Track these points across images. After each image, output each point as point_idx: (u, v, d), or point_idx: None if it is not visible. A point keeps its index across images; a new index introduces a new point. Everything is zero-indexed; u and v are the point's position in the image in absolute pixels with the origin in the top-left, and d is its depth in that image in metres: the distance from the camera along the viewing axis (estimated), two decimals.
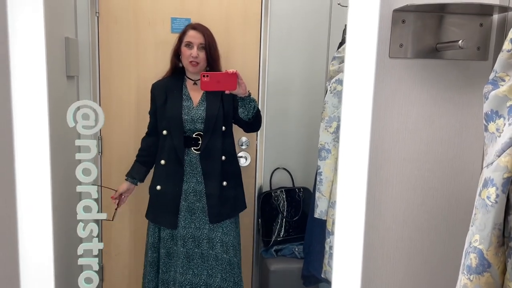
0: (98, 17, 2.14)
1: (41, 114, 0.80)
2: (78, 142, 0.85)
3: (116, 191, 1.82)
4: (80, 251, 0.89)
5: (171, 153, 1.77)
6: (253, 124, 1.78)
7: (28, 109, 0.79)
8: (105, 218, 0.89)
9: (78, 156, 0.85)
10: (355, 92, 0.91)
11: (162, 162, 1.78)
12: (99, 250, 0.90)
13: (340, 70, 1.49)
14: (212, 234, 1.81)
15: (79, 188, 0.87)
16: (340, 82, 1.49)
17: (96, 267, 0.89)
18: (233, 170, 1.87)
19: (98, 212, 0.88)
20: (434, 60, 0.97)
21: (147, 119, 1.92)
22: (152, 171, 1.88)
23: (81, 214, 0.88)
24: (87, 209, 0.88)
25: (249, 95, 1.69)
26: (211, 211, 1.78)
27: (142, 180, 1.87)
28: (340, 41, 1.91)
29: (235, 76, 1.57)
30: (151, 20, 2.18)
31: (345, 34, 1.88)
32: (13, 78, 0.80)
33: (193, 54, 1.73)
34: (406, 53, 0.96)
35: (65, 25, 2.00)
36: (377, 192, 1.00)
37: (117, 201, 1.82)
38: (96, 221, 0.90)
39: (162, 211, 1.81)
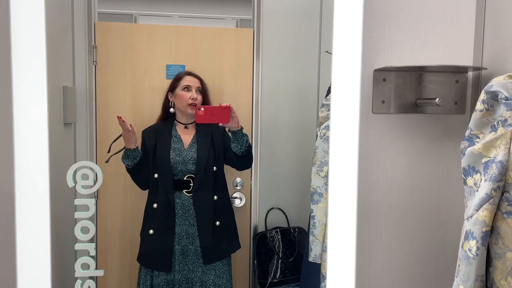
0: (95, 65, 2.22)
1: (42, 171, 0.83)
2: (77, 202, 0.88)
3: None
4: None
5: (162, 196, 1.80)
6: (244, 158, 1.83)
7: (29, 163, 0.83)
8: (101, 274, 0.91)
9: (77, 215, 0.88)
10: (341, 147, 0.96)
11: (154, 205, 1.81)
12: None
13: (329, 117, 1.55)
14: (205, 276, 1.82)
15: (77, 246, 0.90)
16: (329, 128, 1.55)
17: None
18: (225, 210, 1.91)
19: (95, 269, 0.90)
20: (414, 114, 1.03)
21: None
22: (142, 214, 1.89)
23: (79, 272, 0.90)
24: (84, 266, 0.91)
25: (242, 129, 1.75)
26: (205, 252, 1.80)
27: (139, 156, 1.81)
28: (329, 86, 1.99)
29: (228, 109, 1.65)
30: (147, 67, 2.26)
31: None
32: (16, 134, 0.84)
33: (193, 96, 1.81)
34: (388, 109, 1.02)
35: (63, 74, 2.07)
36: (367, 240, 1.03)
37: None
38: (93, 278, 0.92)
39: (155, 255, 1.82)
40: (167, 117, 1.93)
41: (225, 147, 1.82)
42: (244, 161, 1.86)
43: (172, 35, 2.27)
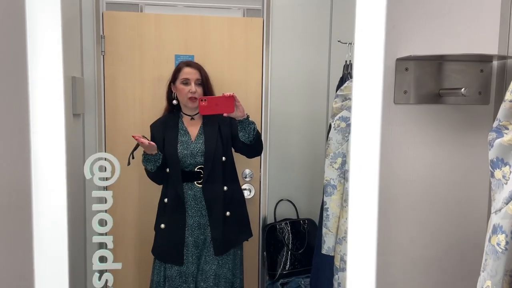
0: (104, 56, 2.19)
1: (59, 165, 0.82)
2: (95, 194, 0.87)
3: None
4: None
5: (172, 190, 1.79)
6: (254, 146, 1.80)
7: (46, 157, 0.81)
8: (120, 267, 0.90)
9: (94, 207, 0.87)
10: (363, 138, 0.94)
11: (166, 200, 1.80)
12: None
13: (343, 108, 1.53)
14: (217, 267, 1.80)
15: (95, 239, 0.88)
16: (343, 119, 1.52)
17: None
18: (236, 199, 1.88)
19: (113, 262, 0.89)
20: (437, 105, 1.01)
21: None
22: (156, 205, 1.88)
23: (96, 265, 0.89)
24: (102, 259, 0.89)
25: (248, 117, 1.72)
26: (216, 243, 1.78)
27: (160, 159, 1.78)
28: (341, 76, 1.96)
29: (232, 98, 1.61)
30: (156, 58, 2.24)
31: (345, 70, 1.93)
32: (32, 124, 0.82)
33: (191, 90, 1.77)
34: (410, 99, 0.99)
35: (72, 65, 2.05)
36: (387, 234, 1.01)
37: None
38: (111, 271, 0.91)
39: (168, 249, 1.81)
40: (173, 109, 1.90)
41: (233, 136, 1.79)
42: (253, 148, 1.83)
43: (181, 24, 2.24)
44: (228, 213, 1.81)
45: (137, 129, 2.24)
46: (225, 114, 1.64)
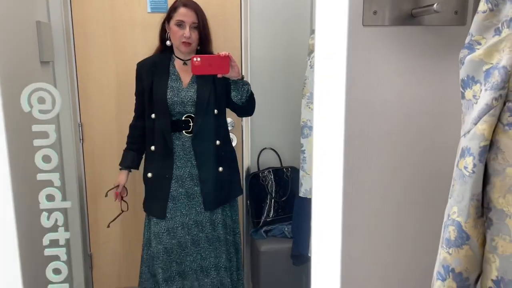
0: None
1: None
2: (35, 128, 0.80)
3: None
4: (46, 241, 0.85)
5: (160, 137, 1.69)
6: (246, 108, 1.72)
7: None
8: (69, 206, 0.85)
9: (35, 142, 0.80)
10: (327, 65, 0.86)
11: (152, 148, 1.72)
12: (66, 240, 0.86)
13: None
14: (213, 216, 1.76)
15: (39, 176, 0.83)
16: None
17: (64, 257, 0.85)
18: (228, 155, 1.81)
19: (62, 200, 0.84)
20: (410, 27, 0.92)
21: (127, 102, 1.85)
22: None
23: (43, 203, 0.84)
24: (50, 197, 0.84)
25: (242, 78, 1.62)
26: (206, 198, 1.73)
27: (137, 167, 1.82)
28: None
29: (227, 59, 1.50)
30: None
31: None
32: None
33: (185, 35, 1.63)
34: (381, 21, 0.91)
35: (36, 8, 1.92)
36: (354, 169, 0.96)
37: (119, 196, 1.81)
38: (61, 210, 0.86)
39: (153, 199, 1.76)
40: (165, 50, 1.75)
41: (228, 90, 1.68)
42: (245, 110, 1.75)
43: None
44: (220, 169, 1.74)
45: (111, 76, 2.15)
46: (219, 75, 1.53)
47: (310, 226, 1.65)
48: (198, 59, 1.47)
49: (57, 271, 0.86)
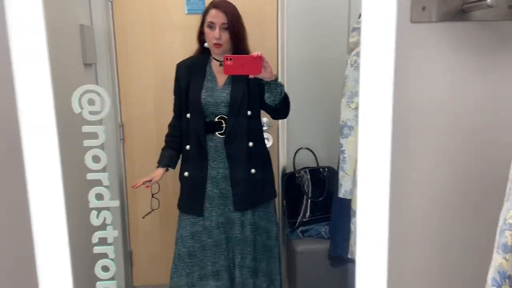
0: (112, 1, 2.12)
1: (47, 105, 0.77)
2: (85, 129, 0.82)
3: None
4: (95, 239, 0.87)
5: (194, 138, 1.71)
6: (280, 110, 1.68)
7: (33, 100, 0.77)
8: (117, 205, 0.87)
9: (86, 143, 0.82)
10: (374, 63, 0.84)
11: (187, 147, 1.73)
12: (114, 238, 0.88)
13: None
14: (243, 217, 1.75)
15: (89, 176, 0.85)
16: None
17: (112, 255, 0.87)
18: (261, 157, 1.79)
19: (110, 199, 0.85)
20: (461, 22, 0.89)
21: (166, 102, 1.88)
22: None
23: (93, 202, 0.86)
24: (99, 196, 0.86)
25: (276, 79, 1.59)
26: (236, 199, 1.72)
27: (174, 166, 1.84)
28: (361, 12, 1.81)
29: (259, 59, 1.48)
30: (166, 2, 2.14)
31: None
32: (15, 67, 0.77)
33: (215, 36, 1.63)
34: (430, 17, 0.88)
35: (79, 12, 1.98)
36: (402, 168, 0.93)
37: (149, 187, 1.81)
38: (109, 209, 0.88)
39: (190, 198, 1.77)
40: (203, 51, 1.75)
41: (262, 93, 1.65)
42: (278, 112, 1.70)
43: None
44: (253, 171, 1.72)
45: (151, 77, 2.19)
46: (251, 76, 1.52)
47: (349, 227, 1.62)
48: (230, 59, 1.47)
49: (105, 269, 0.88)
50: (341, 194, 1.54)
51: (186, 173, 1.75)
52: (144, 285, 2.35)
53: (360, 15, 1.74)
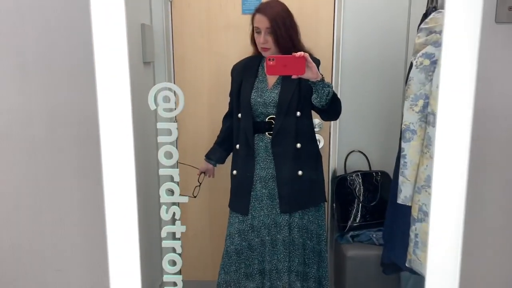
0: (171, 2, 2.16)
1: (124, 104, 0.79)
2: (159, 125, 0.84)
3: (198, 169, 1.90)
4: (163, 234, 0.89)
5: (243, 137, 1.73)
6: (328, 111, 1.63)
7: (111, 98, 0.79)
8: (186, 201, 0.89)
9: (159, 139, 0.84)
10: (454, 66, 0.79)
11: (237, 146, 1.75)
12: (181, 233, 0.89)
13: (428, 43, 1.36)
14: (290, 219, 1.74)
15: (161, 171, 0.87)
16: (427, 56, 1.36)
17: (179, 250, 0.89)
18: (311, 159, 1.76)
19: (179, 195, 0.87)
20: None
21: (221, 101, 1.91)
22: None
23: (163, 197, 0.88)
24: (169, 192, 0.88)
25: (322, 79, 1.54)
26: (282, 200, 1.71)
27: (220, 162, 1.87)
28: (425, 12, 1.75)
29: (303, 59, 1.44)
30: (223, 2, 2.16)
31: (430, 4, 1.71)
32: (97, 69, 0.79)
33: (261, 40, 1.64)
34: None
35: (140, 12, 2.04)
36: (479, 179, 0.88)
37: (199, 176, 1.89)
38: (178, 204, 0.89)
39: (237, 197, 1.79)
40: (258, 52, 1.75)
41: (311, 94, 1.60)
42: (326, 113, 1.65)
43: None
44: (300, 172, 1.70)
45: (205, 76, 2.22)
46: (294, 76, 1.48)
47: (406, 234, 1.57)
48: (273, 59, 1.45)
49: (172, 263, 0.90)
50: (400, 200, 1.49)
51: (234, 172, 1.77)
52: (192, 280, 2.39)
53: (423, 17, 1.69)
